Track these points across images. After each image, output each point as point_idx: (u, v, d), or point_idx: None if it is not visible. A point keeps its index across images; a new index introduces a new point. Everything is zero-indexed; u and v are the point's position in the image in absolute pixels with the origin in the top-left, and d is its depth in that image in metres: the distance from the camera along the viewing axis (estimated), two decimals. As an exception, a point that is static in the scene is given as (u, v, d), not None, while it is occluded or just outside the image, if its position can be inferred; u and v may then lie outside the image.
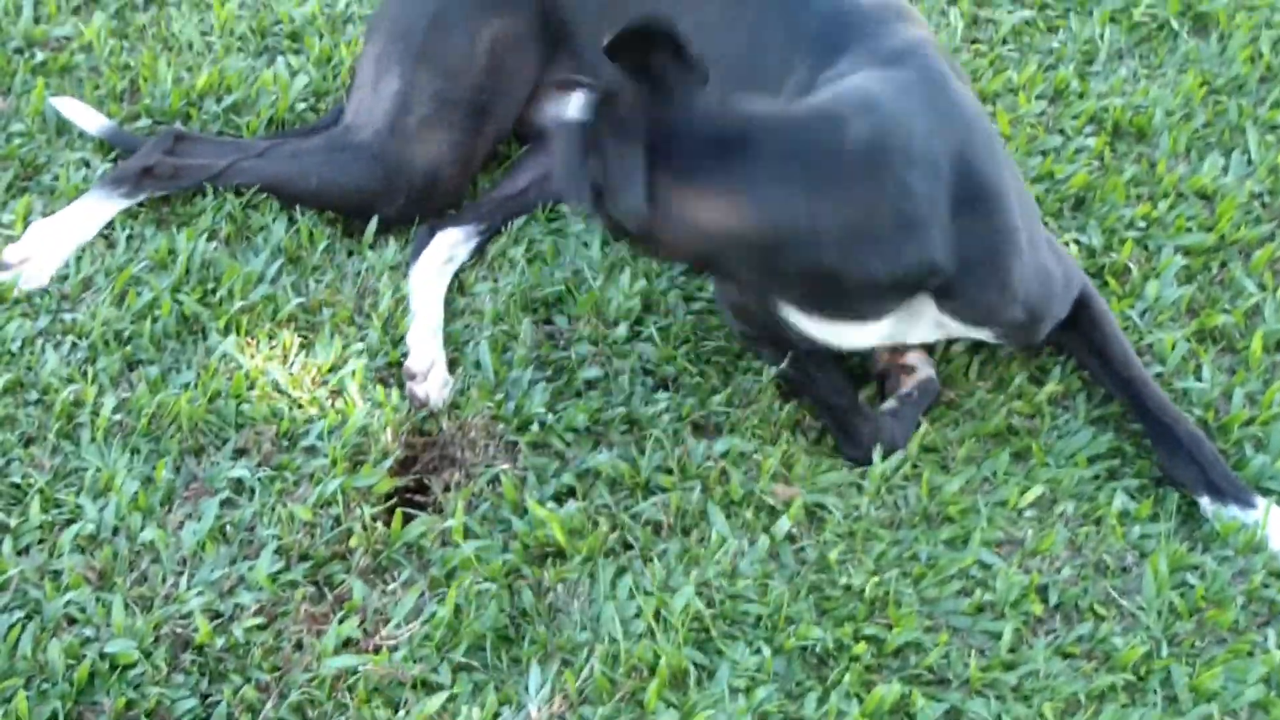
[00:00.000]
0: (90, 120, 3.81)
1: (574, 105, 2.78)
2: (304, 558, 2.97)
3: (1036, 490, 3.09)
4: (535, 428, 3.18)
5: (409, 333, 3.36)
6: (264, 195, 3.62)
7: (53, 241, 3.52)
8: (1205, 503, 3.08)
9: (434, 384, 3.27)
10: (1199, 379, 3.32)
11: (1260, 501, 3.05)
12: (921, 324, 3.07)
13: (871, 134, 2.80)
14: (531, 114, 3.74)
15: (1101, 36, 4.19)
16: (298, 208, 3.60)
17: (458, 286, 3.50)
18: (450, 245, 3.56)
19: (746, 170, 2.75)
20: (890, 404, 3.24)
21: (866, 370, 3.36)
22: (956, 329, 3.10)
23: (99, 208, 3.58)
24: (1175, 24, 4.24)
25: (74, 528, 2.98)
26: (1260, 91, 4.06)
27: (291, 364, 3.30)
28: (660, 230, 2.76)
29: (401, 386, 3.27)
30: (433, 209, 3.64)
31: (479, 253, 3.60)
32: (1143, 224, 3.66)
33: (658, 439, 3.18)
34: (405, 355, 3.32)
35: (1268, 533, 3.01)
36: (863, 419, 3.20)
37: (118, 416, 3.18)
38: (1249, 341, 3.39)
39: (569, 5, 3.64)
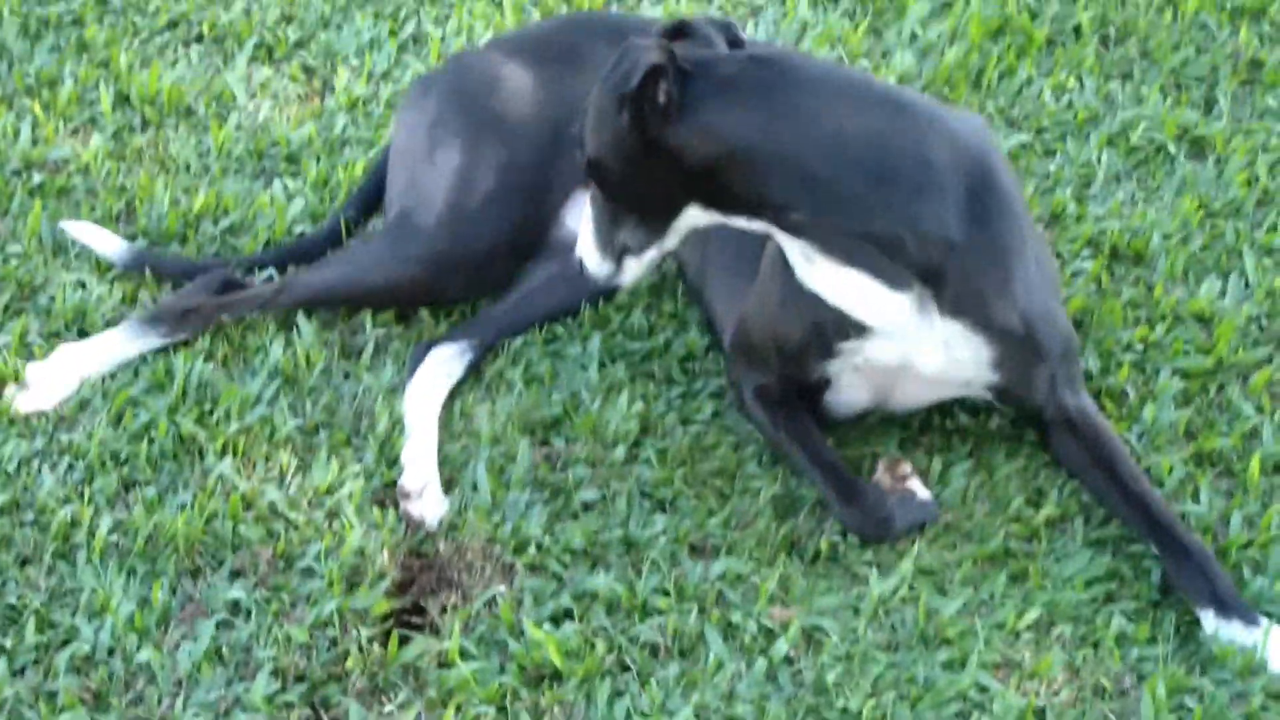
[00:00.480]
0: (109, 245, 3.90)
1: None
2: (300, 679, 3.06)
3: (1034, 613, 3.18)
4: (532, 549, 3.29)
5: (404, 451, 3.46)
6: (258, 316, 3.74)
7: (73, 369, 3.59)
8: (1209, 617, 3.16)
9: (429, 503, 3.36)
10: (1197, 502, 3.43)
11: (1263, 621, 3.14)
12: (929, 339, 3.23)
13: (899, 91, 3.30)
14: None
15: (1098, 160, 4.34)
16: (296, 330, 3.72)
17: (456, 409, 3.61)
18: (445, 361, 3.66)
19: (780, 83, 3.05)
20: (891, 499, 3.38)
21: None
22: (959, 350, 3.25)
23: (130, 344, 3.65)
24: (1172, 148, 4.39)
25: (69, 648, 3.08)
26: (1257, 215, 4.20)
27: (288, 485, 3.41)
28: (685, 133, 3.04)
29: (398, 507, 3.37)
30: (493, 287, 3.77)
31: (475, 370, 3.71)
32: (1140, 347, 3.79)
33: (655, 561, 3.28)
34: (400, 474, 3.42)
35: (1267, 654, 3.10)
36: (862, 486, 3.33)
37: (114, 537, 3.28)
38: (1247, 465, 3.50)
39: None
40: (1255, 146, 4.40)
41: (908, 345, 3.27)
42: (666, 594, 3.22)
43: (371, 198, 4.05)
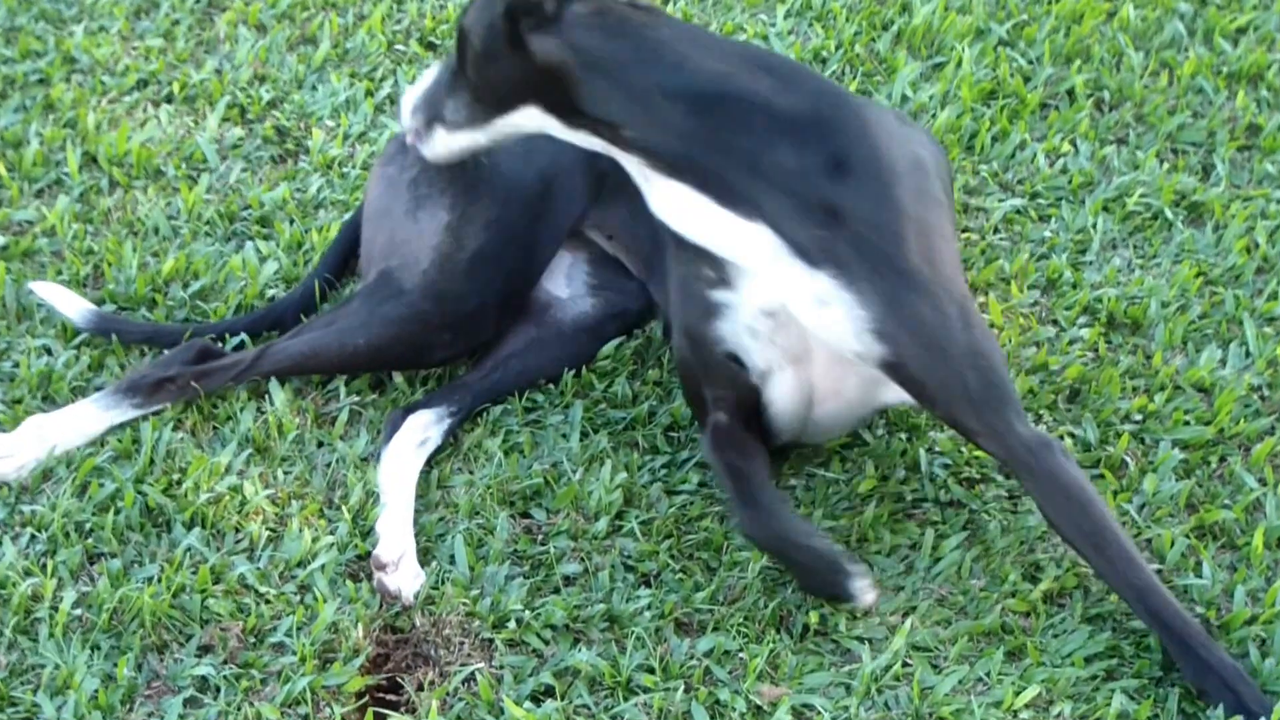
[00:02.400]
0: (71, 306, 3.90)
1: None
2: (271, 759, 3.04)
3: (1032, 691, 3.17)
4: (512, 625, 3.27)
5: (379, 520, 3.45)
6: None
7: (41, 441, 3.56)
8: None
9: (405, 575, 3.34)
10: (1199, 576, 3.43)
11: None
12: (799, 289, 3.29)
13: (772, 57, 3.54)
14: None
15: (1094, 226, 4.36)
16: (269, 398, 3.71)
17: (433, 478, 3.60)
18: (422, 428, 3.65)
19: (648, 22, 3.35)
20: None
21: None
22: (833, 309, 3.28)
23: (103, 416, 3.63)
24: (1169, 214, 4.42)
25: (30, 727, 3.06)
26: (1257, 283, 4.23)
27: (259, 558, 3.40)
28: (549, 42, 3.29)
29: (372, 580, 3.35)
30: (479, 344, 3.80)
31: (452, 438, 3.71)
32: (1139, 417, 3.80)
33: (639, 637, 3.27)
34: (375, 545, 3.41)
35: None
36: (770, 500, 3.35)
37: (78, 611, 3.26)
38: (1250, 538, 3.51)
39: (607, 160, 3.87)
40: (1254, 213, 4.43)
41: (781, 291, 3.31)
42: (651, 671, 3.21)
43: (344, 260, 4.05)
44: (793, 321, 3.35)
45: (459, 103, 3.43)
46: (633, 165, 3.36)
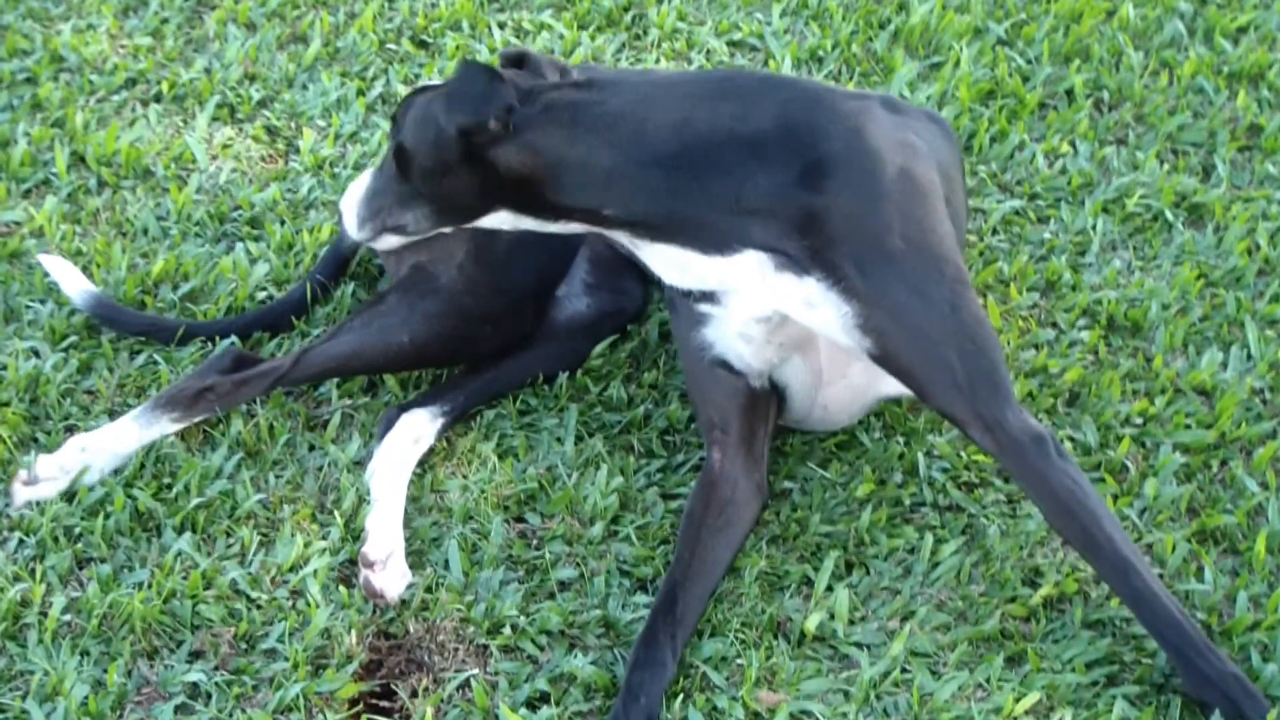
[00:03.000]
0: (74, 285, 3.92)
1: None
2: (263, 767, 3.04)
3: (1033, 697, 3.17)
4: (507, 630, 3.27)
5: (368, 518, 3.44)
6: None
7: (84, 461, 3.53)
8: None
9: (392, 575, 3.34)
10: (1201, 581, 3.43)
11: None
12: (789, 296, 3.32)
13: (720, 79, 3.57)
14: None
15: (1094, 227, 4.36)
16: (257, 401, 3.70)
17: (427, 482, 3.60)
18: (417, 426, 3.66)
19: (592, 99, 3.35)
20: None
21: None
22: (821, 309, 3.30)
23: (144, 433, 3.60)
24: (1170, 215, 4.42)
25: (19, 734, 3.05)
26: (1259, 285, 4.23)
27: (250, 563, 3.39)
28: (508, 152, 3.30)
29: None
30: (521, 336, 3.82)
31: (446, 441, 3.71)
32: (1140, 420, 3.80)
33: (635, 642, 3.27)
34: (363, 543, 3.40)
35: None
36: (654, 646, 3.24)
37: (67, 617, 3.26)
38: (1252, 543, 3.51)
39: None
40: (1255, 214, 4.44)
41: (773, 300, 3.34)
42: (648, 677, 3.21)
43: (341, 262, 4.06)
44: (790, 319, 3.37)
45: (419, 214, 3.44)
46: (620, 237, 3.40)
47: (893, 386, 3.48)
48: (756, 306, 3.38)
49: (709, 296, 3.41)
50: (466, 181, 3.32)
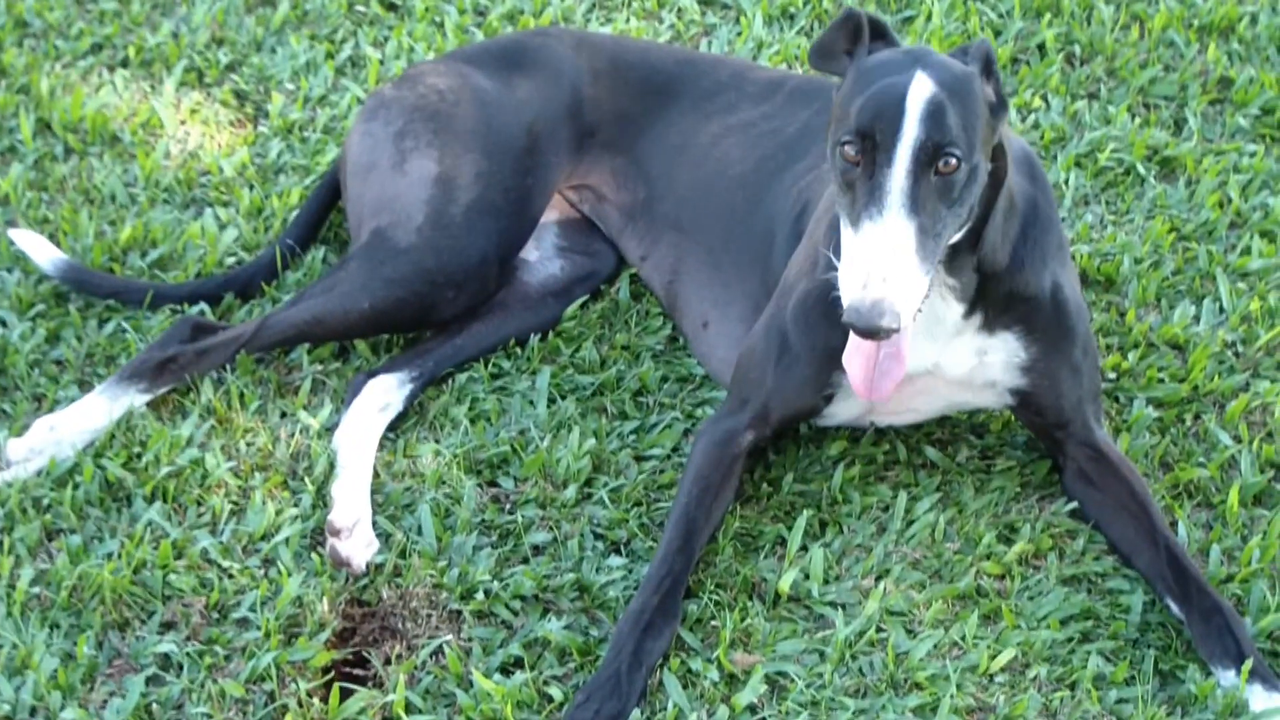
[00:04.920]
0: (43, 254, 3.87)
1: None
2: (236, 736, 3.00)
3: (1008, 654, 3.15)
4: (480, 596, 3.24)
5: (335, 485, 3.40)
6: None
7: (55, 440, 3.48)
8: (1228, 677, 3.10)
9: (358, 543, 3.30)
10: (1176, 535, 3.40)
11: None
12: (961, 344, 3.29)
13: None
14: None
15: (1066, 182, 4.32)
16: (227, 367, 3.66)
17: (399, 447, 3.56)
18: (384, 392, 3.62)
19: None
20: None
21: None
22: (994, 353, 3.31)
23: (112, 406, 3.55)
24: (1142, 169, 4.38)
25: (-11, 708, 3.01)
26: (1230, 238, 4.20)
27: (221, 532, 3.35)
28: None
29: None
30: (484, 299, 3.76)
31: (418, 405, 3.67)
32: (1113, 375, 3.77)
33: (609, 606, 3.24)
34: (329, 509, 3.36)
35: (1248, 695, 3.07)
36: (667, 614, 3.17)
37: (36, 589, 3.22)
38: (1226, 496, 3.49)
39: (596, 110, 3.89)
40: (1227, 167, 4.40)
41: (938, 351, 3.30)
42: (622, 640, 3.17)
43: (311, 226, 4.01)
44: (911, 379, 3.31)
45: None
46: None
47: (960, 408, 3.56)
48: (919, 361, 3.30)
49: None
50: None
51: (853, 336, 3.01)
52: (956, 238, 3.06)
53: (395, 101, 3.87)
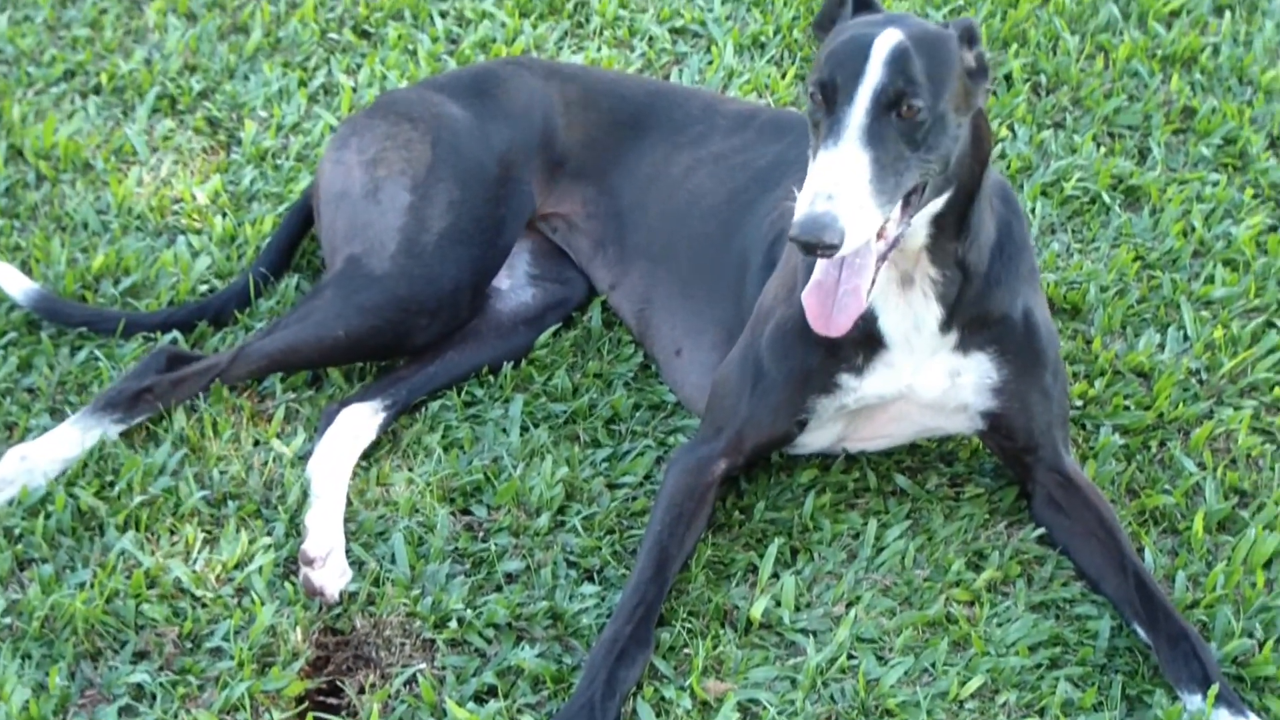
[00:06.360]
0: (15, 284, 3.83)
1: None
2: (209, 766, 2.98)
3: (977, 680, 3.14)
4: (454, 624, 3.21)
5: (308, 514, 3.38)
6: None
7: (28, 470, 3.46)
8: (1194, 701, 3.09)
9: (331, 572, 3.28)
10: (1142, 561, 3.40)
11: (1250, 714, 3.07)
12: (935, 363, 3.30)
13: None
14: None
15: (1033, 211, 4.32)
16: (200, 395, 3.63)
17: (372, 475, 3.54)
18: (357, 421, 3.60)
19: None
20: None
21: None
22: (967, 374, 3.33)
23: (84, 436, 3.53)
24: (1107, 198, 4.39)
25: (-38, 738, 2.98)
26: (1194, 266, 4.20)
27: (195, 561, 3.33)
28: None
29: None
30: (457, 328, 3.74)
31: (389, 433, 3.65)
32: (1080, 402, 3.76)
33: (583, 634, 3.22)
34: (303, 538, 3.33)
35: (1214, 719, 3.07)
36: (641, 642, 3.15)
37: (7, 619, 3.19)
38: (1190, 523, 3.48)
39: (567, 140, 3.89)
40: (1190, 196, 4.40)
41: (912, 370, 3.31)
42: (595, 669, 3.15)
43: (284, 253, 3.99)
44: (884, 403, 3.37)
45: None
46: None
47: (933, 433, 3.56)
48: (894, 383, 3.33)
49: (857, 365, 3.31)
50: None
51: (814, 274, 3.05)
52: (939, 204, 3.11)
53: (368, 130, 3.86)
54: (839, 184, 2.86)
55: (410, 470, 3.57)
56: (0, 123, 4.49)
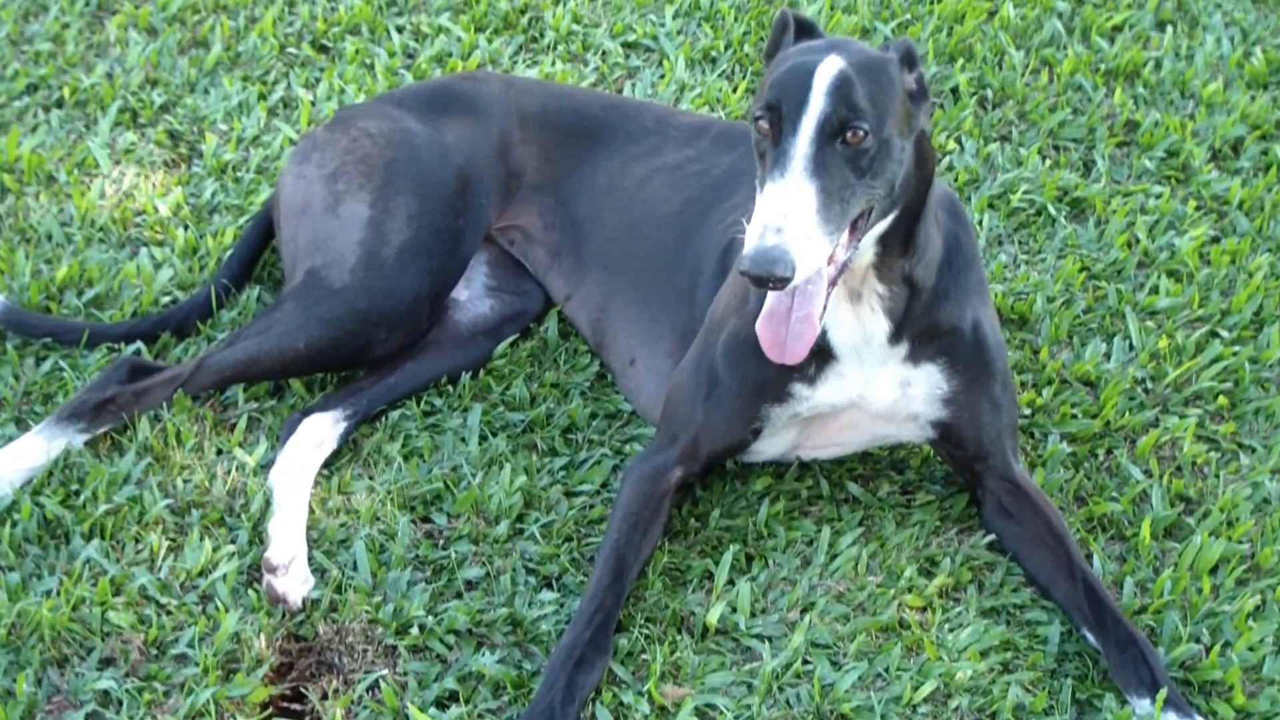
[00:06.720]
0: None
1: None
2: (175, 772, 2.97)
3: (930, 685, 3.16)
4: (415, 630, 3.22)
5: (271, 523, 3.38)
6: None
7: None
8: (1143, 705, 3.11)
9: (294, 580, 3.28)
10: (1091, 567, 3.42)
11: (1197, 717, 3.10)
12: (886, 373, 3.32)
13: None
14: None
15: (981, 223, 4.35)
16: (164, 405, 3.63)
17: (333, 484, 3.54)
18: (319, 430, 3.60)
19: None
20: None
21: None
22: (918, 385, 3.35)
23: (48, 445, 3.51)
24: (1053, 210, 4.42)
25: (-71, 746, 2.97)
26: (1138, 277, 4.24)
27: (160, 568, 3.32)
28: None
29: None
30: (416, 339, 3.74)
31: (351, 442, 3.65)
32: (1028, 411, 3.79)
33: (542, 640, 3.22)
34: (266, 546, 3.33)
35: (1161, 724, 3.10)
36: (599, 649, 3.15)
37: (-25, 627, 3.18)
38: (1138, 529, 3.51)
39: (524, 153, 3.90)
40: (1134, 208, 4.44)
41: (864, 380, 3.33)
42: (555, 674, 3.16)
43: (246, 265, 3.99)
44: (836, 412, 3.39)
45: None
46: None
47: (883, 442, 3.58)
48: (846, 392, 3.35)
49: (810, 375, 3.32)
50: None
51: (766, 304, 3.07)
52: (885, 224, 3.12)
53: (328, 144, 3.86)
54: (787, 216, 2.87)
55: (371, 479, 3.57)
56: (-37, 135, 4.47)
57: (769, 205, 2.89)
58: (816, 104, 2.94)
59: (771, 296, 3.04)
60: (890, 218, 3.11)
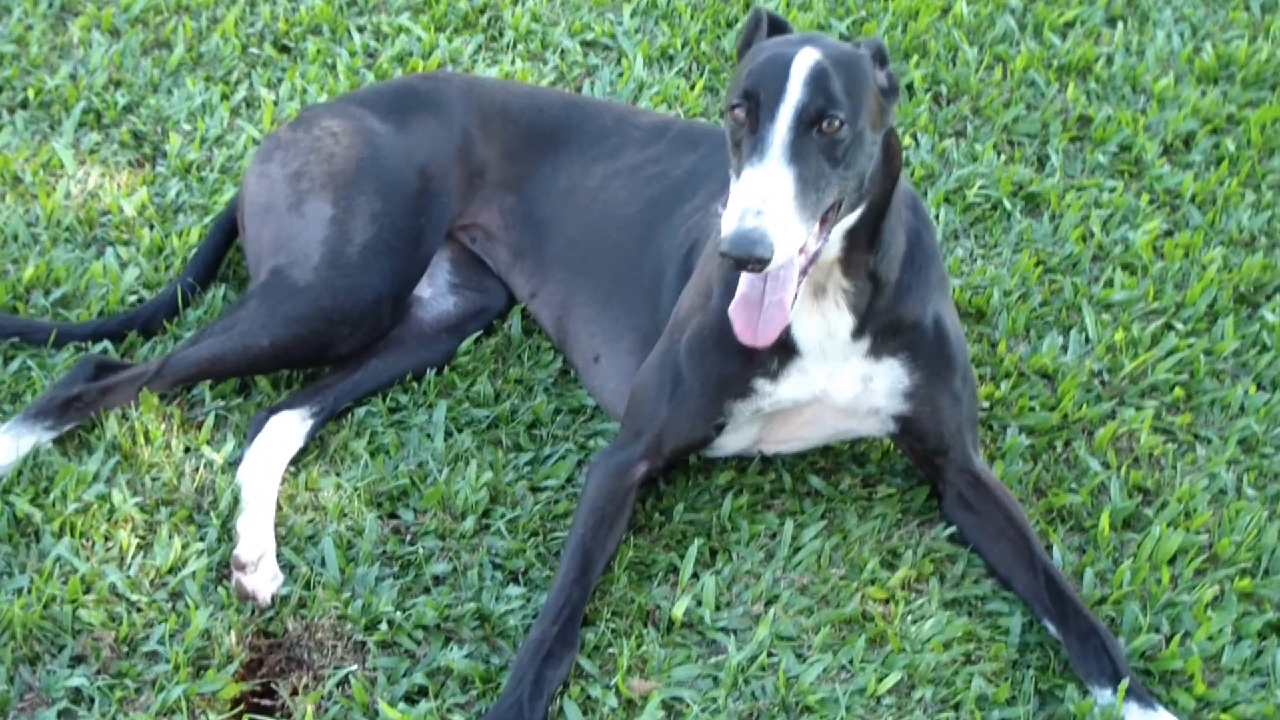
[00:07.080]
0: None
1: None
2: (147, 770, 2.95)
3: (894, 676, 3.16)
4: (384, 626, 3.20)
5: (239, 520, 3.36)
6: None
7: None
8: (1105, 695, 3.12)
9: (263, 576, 3.26)
10: (1051, 558, 3.43)
11: (1159, 707, 3.10)
12: (848, 368, 3.32)
13: None
14: None
15: (937, 217, 4.36)
16: (132, 403, 3.60)
17: (301, 481, 3.52)
18: (286, 428, 3.58)
19: None
20: None
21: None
22: (879, 380, 3.35)
23: (16, 444, 3.48)
24: (1008, 204, 4.43)
25: (-99, 746, 2.94)
26: (1093, 270, 4.25)
27: (129, 566, 3.29)
28: None
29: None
30: (380, 336, 3.73)
31: (318, 439, 3.63)
32: (986, 404, 3.80)
33: (509, 634, 3.21)
34: (234, 543, 3.31)
35: (1124, 713, 3.09)
36: (566, 643, 3.15)
37: (-54, 626, 3.15)
38: (1097, 520, 3.52)
39: (485, 152, 3.89)
40: (1088, 202, 4.46)
41: (826, 376, 3.32)
42: (523, 668, 3.15)
43: (211, 264, 3.97)
44: (798, 407, 3.39)
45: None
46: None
47: (845, 437, 3.59)
48: (808, 387, 3.35)
49: (773, 370, 3.32)
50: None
51: (740, 288, 3.07)
52: (852, 219, 3.13)
53: (291, 144, 3.84)
54: (766, 200, 2.87)
55: (338, 475, 3.55)
56: (-73, 136, 4.43)
57: (748, 189, 2.90)
58: (794, 92, 2.95)
59: (745, 281, 3.04)
60: (858, 212, 3.12)
